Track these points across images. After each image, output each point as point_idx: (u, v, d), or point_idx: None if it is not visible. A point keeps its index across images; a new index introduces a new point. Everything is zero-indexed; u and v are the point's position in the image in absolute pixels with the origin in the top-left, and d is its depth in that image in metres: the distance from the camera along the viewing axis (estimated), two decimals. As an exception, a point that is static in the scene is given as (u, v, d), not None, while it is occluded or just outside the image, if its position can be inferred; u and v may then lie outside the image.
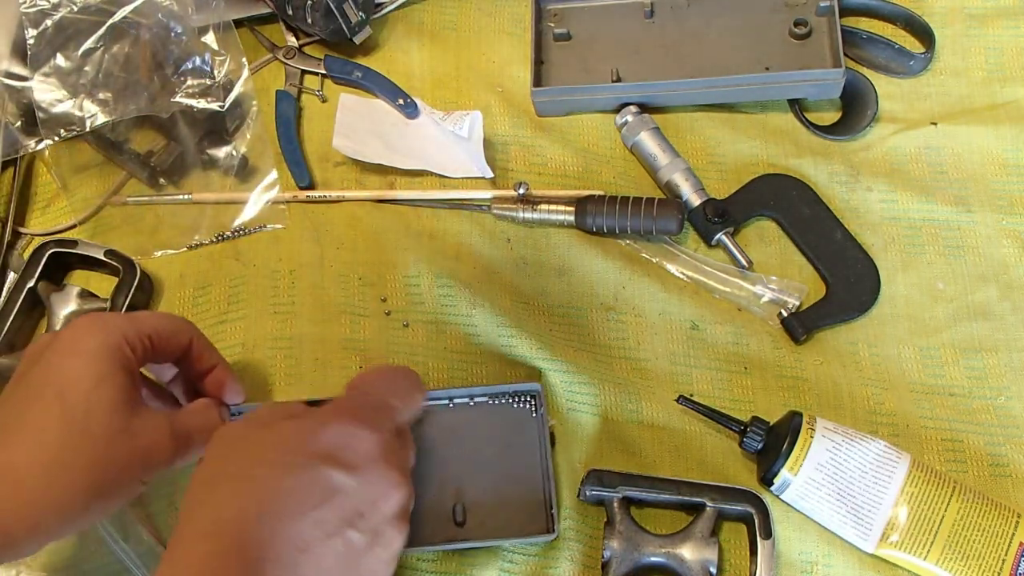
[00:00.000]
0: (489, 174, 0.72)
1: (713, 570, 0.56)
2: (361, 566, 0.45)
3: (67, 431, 0.47)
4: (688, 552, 0.56)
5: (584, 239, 0.69)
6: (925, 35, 0.75)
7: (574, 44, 0.76)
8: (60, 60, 0.68)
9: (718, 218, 0.68)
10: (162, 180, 0.72)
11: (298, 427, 0.47)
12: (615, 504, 0.58)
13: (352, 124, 0.73)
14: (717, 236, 0.68)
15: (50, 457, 0.47)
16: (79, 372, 0.49)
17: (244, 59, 0.72)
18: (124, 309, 0.65)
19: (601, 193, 0.69)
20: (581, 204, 0.68)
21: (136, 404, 0.50)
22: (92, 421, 0.48)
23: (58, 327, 0.65)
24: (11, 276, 0.69)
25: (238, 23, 0.75)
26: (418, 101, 0.75)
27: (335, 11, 0.73)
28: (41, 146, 0.70)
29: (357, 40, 0.76)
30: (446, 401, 0.61)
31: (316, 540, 0.43)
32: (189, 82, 0.70)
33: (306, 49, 0.78)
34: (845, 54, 0.71)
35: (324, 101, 0.76)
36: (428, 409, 0.60)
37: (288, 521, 0.43)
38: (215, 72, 0.71)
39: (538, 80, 0.74)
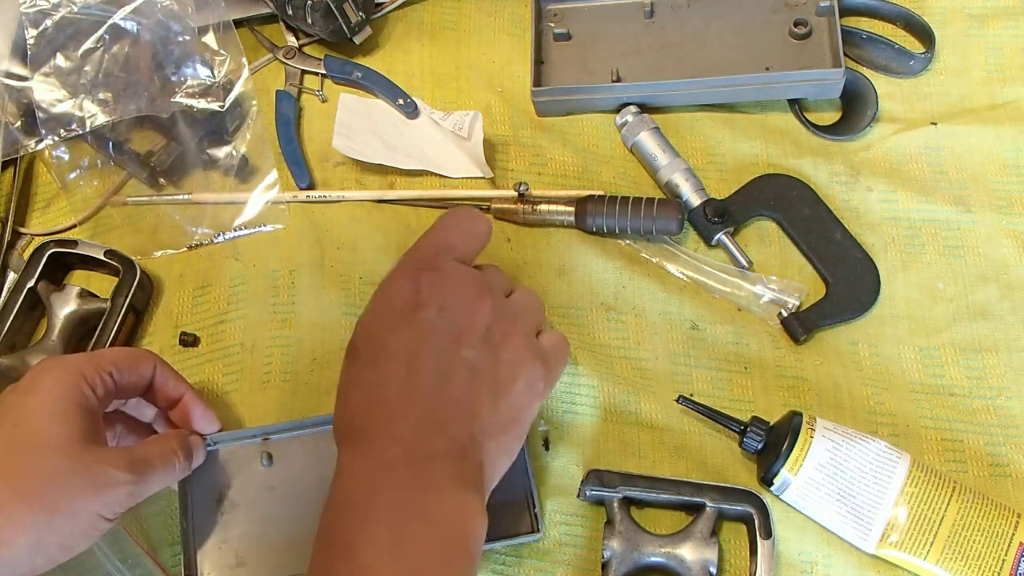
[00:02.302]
0: (489, 174, 0.72)
1: (713, 570, 0.56)
2: (496, 375, 0.48)
3: (18, 463, 0.48)
4: (688, 552, 0.56)
5: (584, 239, 0.69)
6: (925, 35, 0.75)
7: (574, 44, 0.76)
8: (60, 60, 0.68)
9: (718, 218, 0.68)
10: (162, 180, 0.72)
11: (371, 306, 0.50)
12: (615, 504, 0.58)
13: (352, 124, 0.73)
14: (717, 236, 0.68)
15: None
16: (34, 409, 0.49)
17: (244, 59, 0.72)
18: (124, 309, 0.65)
19: (601, 193, 0.69)
20: (581, 204, 0.68)
21: (91, 439, 0.50)
22: (43, 456, 0.48)
23: (58, 327, 0.65)
24: (11, 276, 0.69)
25: (238, 23, 0.75)
26: (418, 101, 0.75)
27: (335, 11, 0.73)
28: (41, 146, 0.70)
29: (357, 40, 0.76)
30: None
31: (439, 379, 0.46)
32: (189, 82, 0.70)
33: (306, 49, 0.78)
34: (845, 54, 0.71)
35: (324, 101, 0.76)
36: None
37: (408, 379, 0.46)
38: (215, 72, 0.71)
39: (538, 80, 0.74)
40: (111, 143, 0.71)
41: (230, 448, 0.60)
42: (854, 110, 0.73)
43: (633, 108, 0.72)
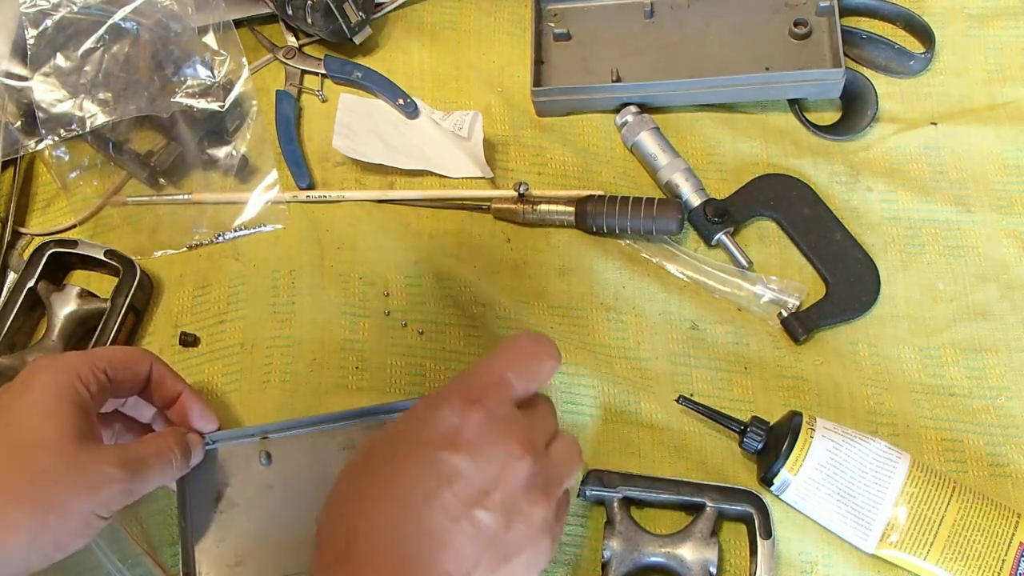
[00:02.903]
0: (489, 174, 0.72)
1: (713, 570, 0.56)
2: (503, 545, 0.44)
3: (11, 462, 0.48)
4: (688, 552, 0.56)
5: (584, 239, 0.69)
6: (925, 35, 0.75)
7: (574, 44, 0.76)
8: (60, 60, 0.68)
9: (718, 218, 0.68)
10: (162, 180, 0.72)
11: (408, 420, 0.47)
12: (615, 504, 0.58)
13: (352, 124, 0.73)
14: (717, 236, 0.68)
15: None
16: (27, 408, 0.49)
17: (244, 59, 0.72)
18: (124, 309, 0.65)
19: (601, 193, 0.69)
20: (581, 204, 0.68)
21: (85, 438, 0.50)
22: (36, 454, 0.48)
23: (58, 327, 0.65)
24: (11, 276, 0.69)
25: (238, 23, 0.75)
26: (418, 101, 0.75)
27: (335, 11, 0.73)
28: (41, 146, 0.70)
29: (357, 40, 0.76)
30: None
31: (444, 527, 0.43)
32: (189, 82, 0.70)
33: (306, 49, 0.78)
34: (845, 54, 0.71)
35: (324, 101, 0.76)
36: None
37: (414, 513, 0.43)
38: (215, 72, 0.71)
39: (538, 80, 0.74)
40: (111, 143, 0.71)
41: (228, 447, 0.60)
42: (854, 110, 0.73)
43: (633, 108, 0.72)
